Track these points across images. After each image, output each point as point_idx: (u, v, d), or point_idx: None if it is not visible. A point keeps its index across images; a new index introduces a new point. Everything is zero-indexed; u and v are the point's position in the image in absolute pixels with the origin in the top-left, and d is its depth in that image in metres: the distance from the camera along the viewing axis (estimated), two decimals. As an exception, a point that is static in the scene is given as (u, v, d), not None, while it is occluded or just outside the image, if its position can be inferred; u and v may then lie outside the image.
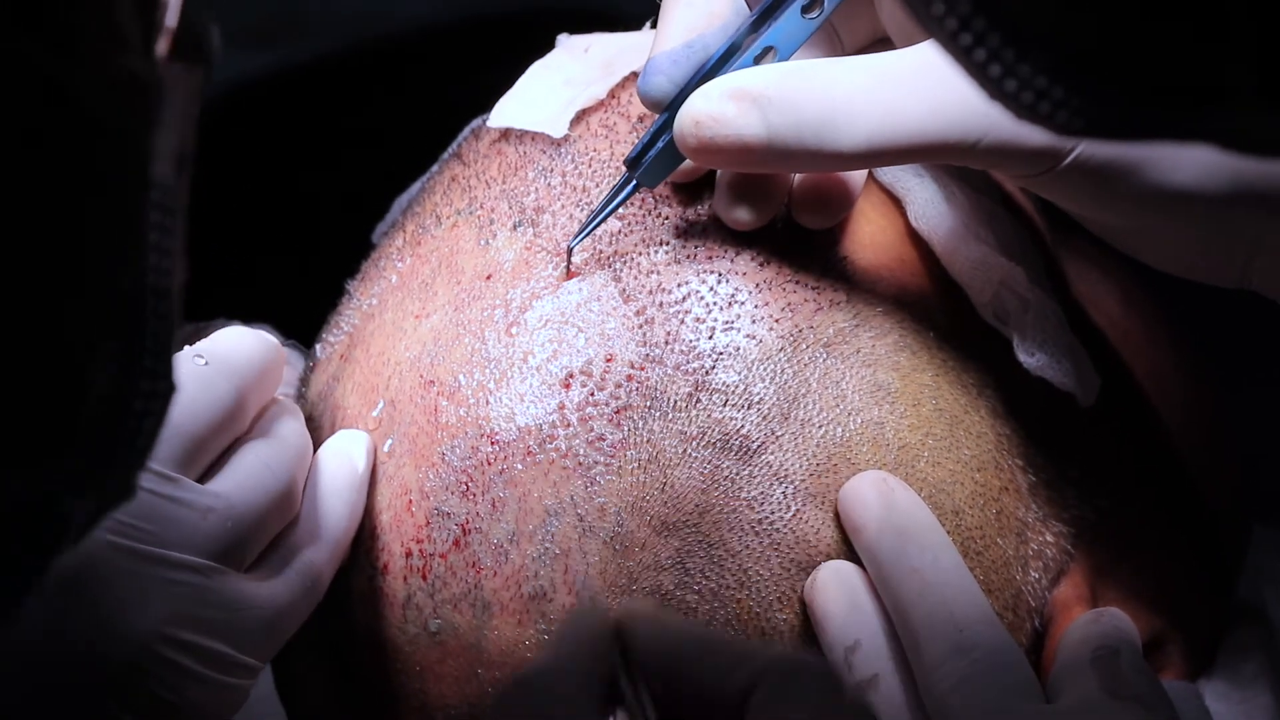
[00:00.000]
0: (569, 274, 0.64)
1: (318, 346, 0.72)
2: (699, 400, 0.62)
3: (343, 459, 0.65)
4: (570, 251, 0.64)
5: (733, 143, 0.59)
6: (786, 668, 0.51)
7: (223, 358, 0.62)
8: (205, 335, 0.64)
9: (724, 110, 0.59)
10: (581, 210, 0.66)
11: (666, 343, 0.63)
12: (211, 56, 0.45)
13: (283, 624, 0.62)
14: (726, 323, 0.63)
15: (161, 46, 0.44)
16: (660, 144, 0.63)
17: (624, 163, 0.64)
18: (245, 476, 0.61)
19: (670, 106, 0.62)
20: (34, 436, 0.42)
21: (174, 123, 0.43)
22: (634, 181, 0.63)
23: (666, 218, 0.65)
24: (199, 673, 0.59)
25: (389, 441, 0.65)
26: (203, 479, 0.61)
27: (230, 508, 0.60)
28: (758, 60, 0.62)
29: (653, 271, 0.64)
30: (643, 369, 0.62)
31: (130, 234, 0.42)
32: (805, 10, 0.61)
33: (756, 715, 0.50)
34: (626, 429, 0.62)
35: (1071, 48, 0.39)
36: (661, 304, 0.63)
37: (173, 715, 0.58)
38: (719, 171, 0.64)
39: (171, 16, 0.44)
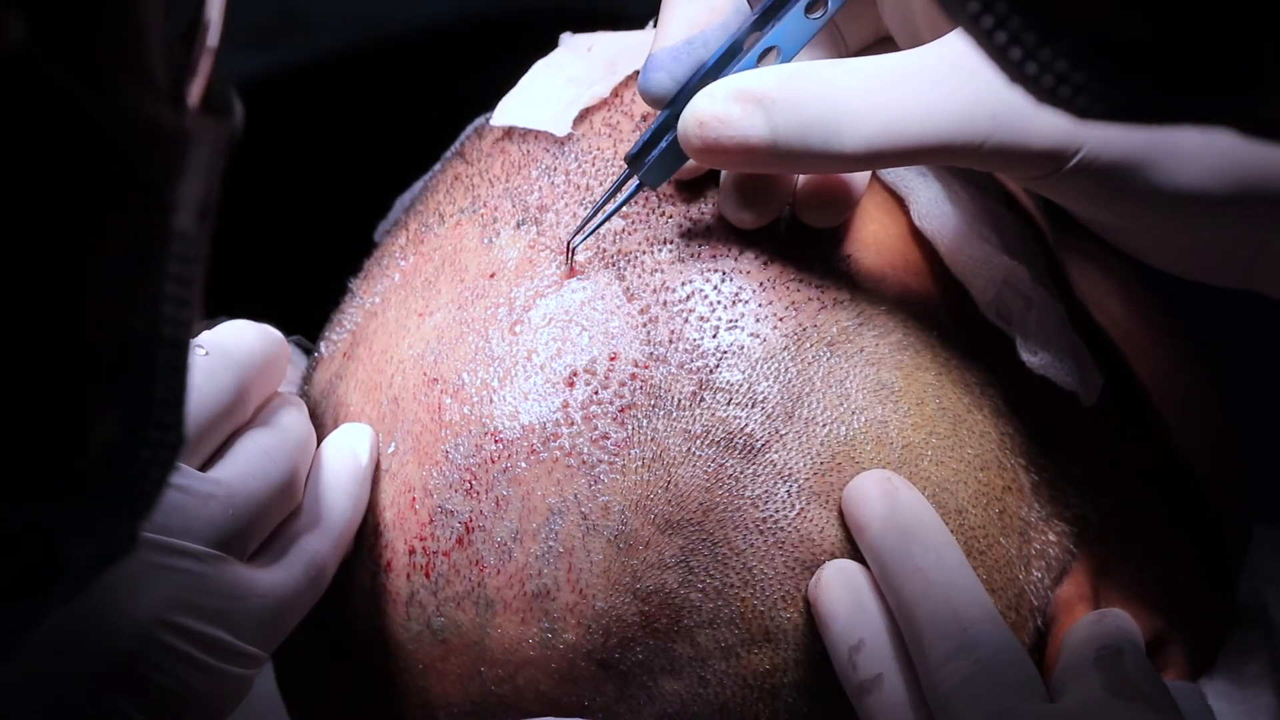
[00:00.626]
0: (571, 271, 0.64)
1: (321, 344, 0.72)
2: (703, 399, 0.62)
3: (346, 452, 0.65)
4: (573, 249, 0.64)
5: (737, 144, 0.59)
6: None
7: (225, 348, 0.62)
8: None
9: (729, 111, 0.59)
10: (585, 209, 0.66)
11: (670, 341, 0.63)
12: (235, 116, 0.45)
13: (284, 613, 0.62)
14: (730, 321, 0.63)
15: (192, 97, 0.43)
16: (664, 144, 0.63)
17: (625, 159, 0.64)
18: (246, 464, 0.61)
19: (671, 103, 0.62)
20: (31, 469, 0.41)
21: (199, 173, 0.42)
22: (637, 180, 0.63)
23: (670, 216, 0.65)
24: (200, 660, 0.58)
25: (392, 439, 0.65)
26: (204, 468, 0.61)
27: (231, 495, 0.60)
28: (761, 60, 0.62)
29: (657, 270, 0.64)
30: (647, 367, 0.62)
31: (146, 279, 0.42)
32: (809, 10, 0.61)
33: None
34: (630, 427, 0.62)
35: (1094, 32, 0.39)
36: (665, 303, 0.63)
37: (173, 704, 0.58)
38: (723, 170, 0.64)
39: (203, 68, 0.44)
